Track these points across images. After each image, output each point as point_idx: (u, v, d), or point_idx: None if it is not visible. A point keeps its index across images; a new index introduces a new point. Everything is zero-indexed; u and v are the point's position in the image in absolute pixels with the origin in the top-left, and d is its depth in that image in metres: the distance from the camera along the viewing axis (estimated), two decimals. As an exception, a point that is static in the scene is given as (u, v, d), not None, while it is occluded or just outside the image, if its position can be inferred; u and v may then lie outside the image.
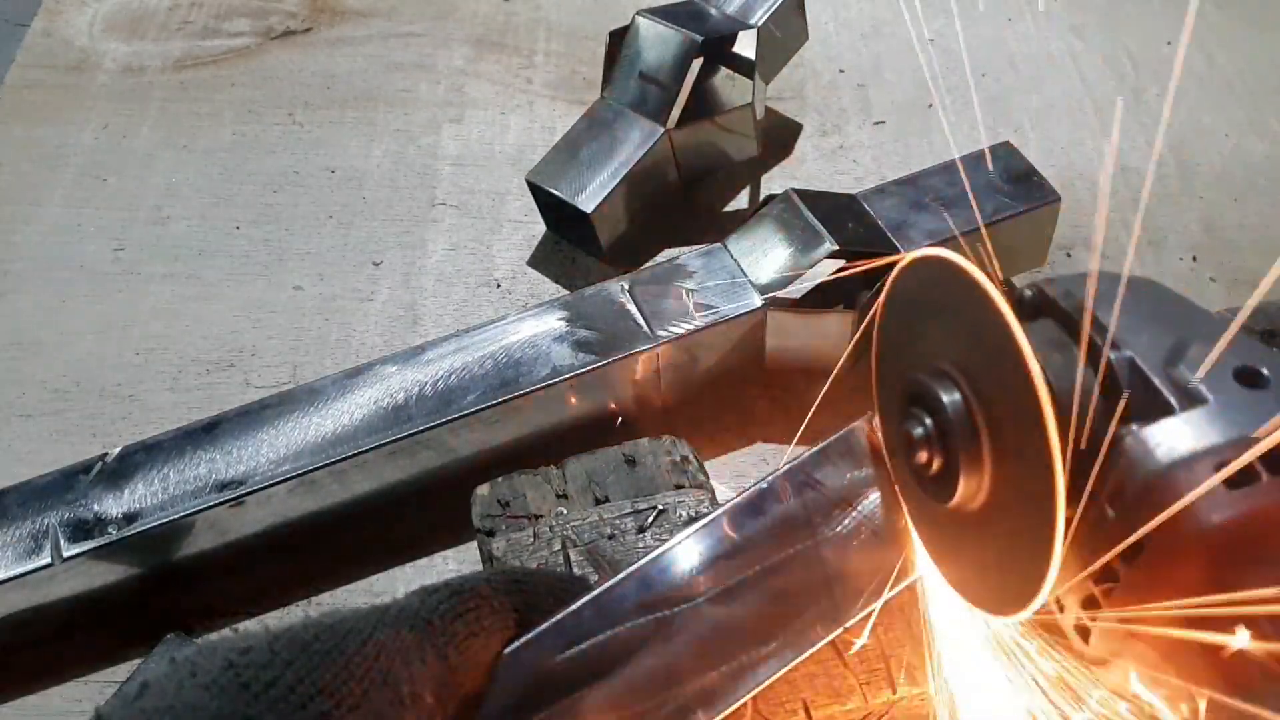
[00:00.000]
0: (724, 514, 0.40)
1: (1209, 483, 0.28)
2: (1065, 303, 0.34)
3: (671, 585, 0.38)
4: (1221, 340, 0.32)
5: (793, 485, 0.41)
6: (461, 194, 0.69)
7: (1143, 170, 0.70)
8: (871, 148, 0.72)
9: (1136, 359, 0.32)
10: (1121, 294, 0.33)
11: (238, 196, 0.69)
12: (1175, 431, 0.30)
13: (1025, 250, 0.60)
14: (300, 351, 0.61)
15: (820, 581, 0.39)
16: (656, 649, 0.37)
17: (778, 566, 0.39)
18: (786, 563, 0.39)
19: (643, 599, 0.37)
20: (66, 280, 0.64)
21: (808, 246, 0.54)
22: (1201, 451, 0.30)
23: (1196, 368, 0.32)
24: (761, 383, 0.58)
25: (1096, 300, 0.33)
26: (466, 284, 0.64)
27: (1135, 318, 0.33)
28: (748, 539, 0.39)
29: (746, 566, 0.39)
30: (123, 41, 0.79)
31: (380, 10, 0.81)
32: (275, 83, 0.76)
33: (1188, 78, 0.76)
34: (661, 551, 0.39)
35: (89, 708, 0.44)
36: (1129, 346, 0.32)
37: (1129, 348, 0.32)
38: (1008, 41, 0.79)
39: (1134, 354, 0.32)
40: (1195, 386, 0.31)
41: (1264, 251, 0.66)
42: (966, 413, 0.33)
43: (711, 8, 0.66)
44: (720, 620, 0.38)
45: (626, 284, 0.56)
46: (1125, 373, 0.32)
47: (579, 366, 0.52)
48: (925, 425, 0.35)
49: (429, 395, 0.51)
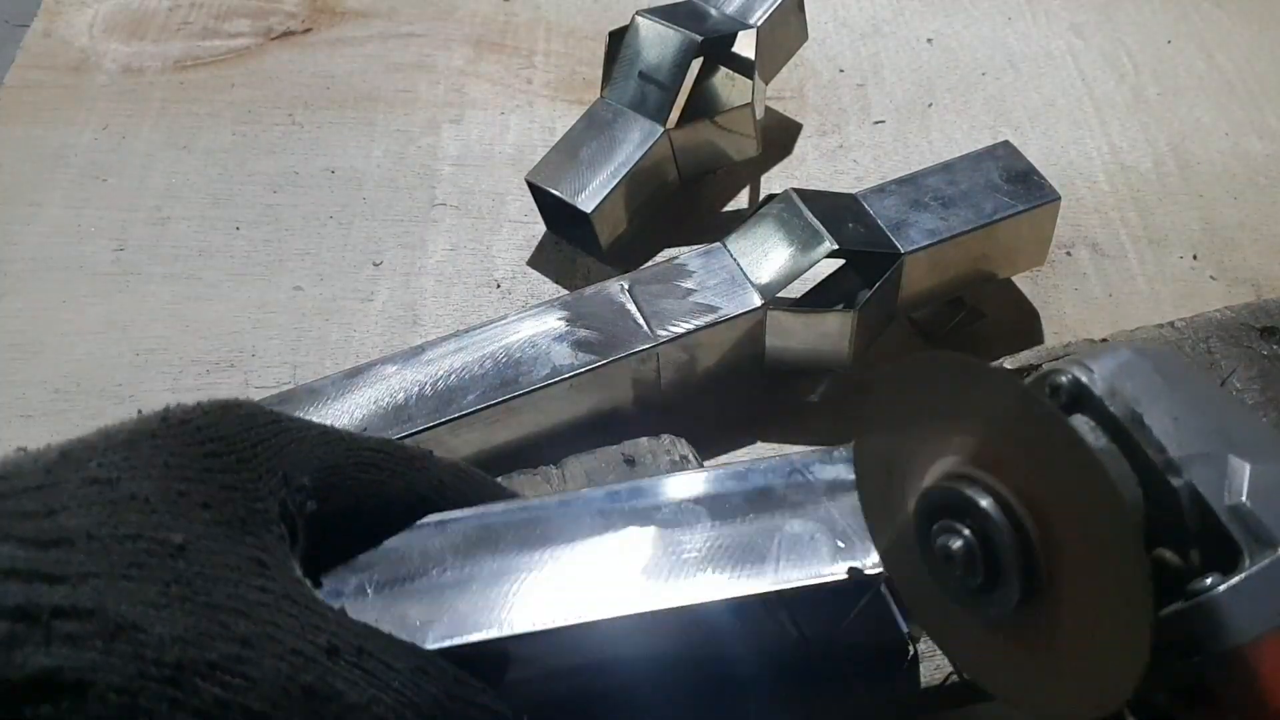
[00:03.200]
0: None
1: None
2: (1112, 405, 0.32)
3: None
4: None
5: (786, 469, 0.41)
6: (461, 194, 0.69)
7: (1143, 169, 0.70)
8: (871, 147, 0.72)
9: (1197, 485, 0.30)
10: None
11: (238, 197, 0.69)
12: (1256, 591, 0.29)
13: (1025, 249, 0.60)
14: (300, 352, 0.61)
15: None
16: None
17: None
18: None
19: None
20: (66, 280, 0.64)
21: (807, 246, 0.54)
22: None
23: (1254, 495, 0.30)
24: (761, 383, 0.58)
25: (1136, 397, 0.31)
26: (466, 284, 0.64)
27: (1185, 426, 0.31)
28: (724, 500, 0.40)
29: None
30: (123, 42, 0.79)
31: (380, 10, 0.81)
32: (275, 83, 0.76)
33: (1187, 76, 0.76)
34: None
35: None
36: (1187, 469, 0.30)
37: (1188, 470, 0.30)
38: (1007, 40, 0.79)
39: (1192, 479, 0.30)
40: (1259, 523, 0.29)
41: (1264, 250, 0.66)
42: (1011, 520, 0.30)
43: (711, 8, 0.66)
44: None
45: (626, 284, 0.56)
46: (1187, 502, 0.30)
47: (579, 366, 0.52)
48: (964, 537, 0.31)
49: (429, 395, 0.51)
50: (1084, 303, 0.63)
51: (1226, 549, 0.30)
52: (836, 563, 0.37)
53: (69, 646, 0.25)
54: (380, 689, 0.30)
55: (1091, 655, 0.30)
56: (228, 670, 0.27)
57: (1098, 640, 0.29)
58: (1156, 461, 0.30)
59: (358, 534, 0.37)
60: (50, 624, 0.24)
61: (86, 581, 0.26)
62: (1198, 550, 0.30)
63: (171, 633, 0.26)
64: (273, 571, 0.31)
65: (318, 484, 0.34)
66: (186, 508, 0.30)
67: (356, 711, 0.30)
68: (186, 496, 0.30)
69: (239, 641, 0.28)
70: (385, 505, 0.37)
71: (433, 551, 0.37)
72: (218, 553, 0.29)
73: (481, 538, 0.38)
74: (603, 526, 0.38)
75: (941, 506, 0.32)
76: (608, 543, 0.38)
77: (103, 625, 0.25)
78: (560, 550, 0.38)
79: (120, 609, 0.26)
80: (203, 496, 0.30)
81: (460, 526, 0.38)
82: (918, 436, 0.33)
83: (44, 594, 0.25)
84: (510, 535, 0.38)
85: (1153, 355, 0.33)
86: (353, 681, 0.30)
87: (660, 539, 0.38)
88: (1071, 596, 0.30)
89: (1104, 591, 0.29)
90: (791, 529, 0.38)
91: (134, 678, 0.25)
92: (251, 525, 0.31)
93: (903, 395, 0.34)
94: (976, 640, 0.34)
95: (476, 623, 0.35)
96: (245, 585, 0.29)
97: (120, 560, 0.27)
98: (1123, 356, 0.33)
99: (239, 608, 0.29)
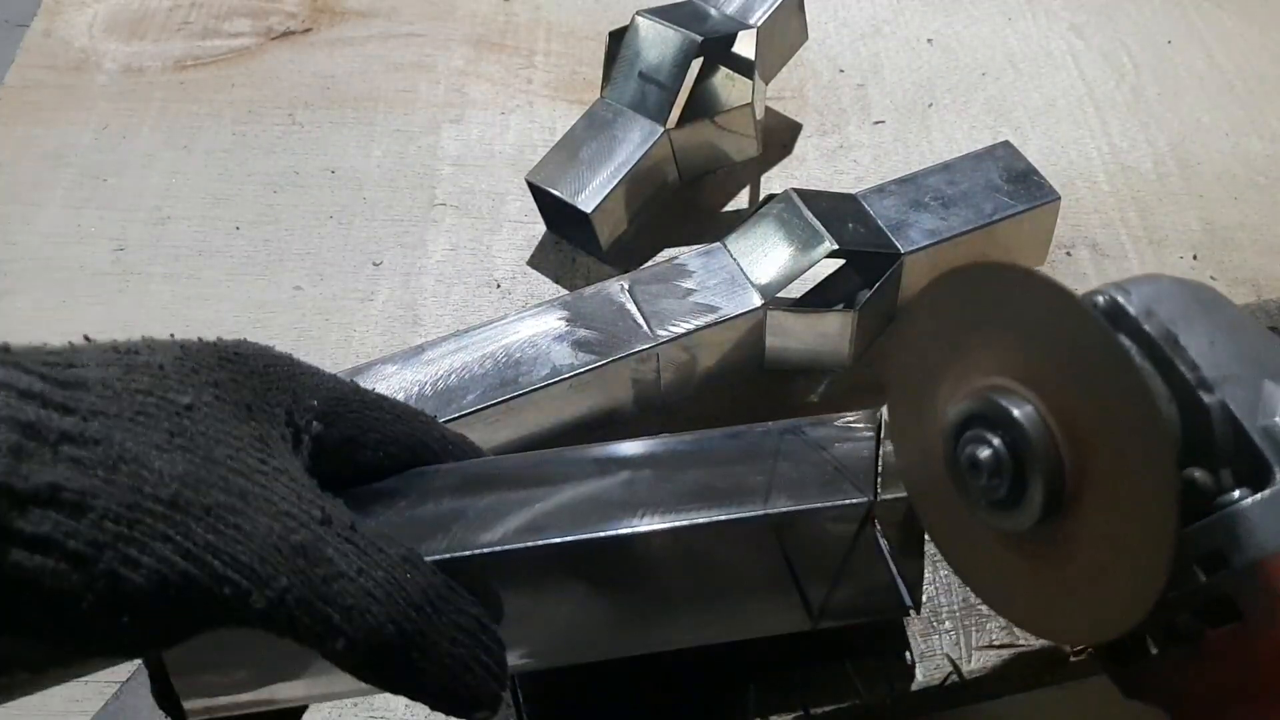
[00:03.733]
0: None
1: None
2: (1149, 324, 0.32)
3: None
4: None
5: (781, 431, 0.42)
6: (461, 194, 0.69)
7: (1142, 169, 0.70)
8: (871, 148, 0.72)
9: (1230, 405, 0.30)
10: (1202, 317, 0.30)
11: (238, 197, 0.69)
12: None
13: (1025, 250, 0.60)
14: (300, 352, 0.60)
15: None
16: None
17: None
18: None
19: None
20: (66, 280, 0.64)
21: (807, 246, 0.54)
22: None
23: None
24: (761, 383, 0.58)
25: (1172, 319, 0.31)
26: (466, 284, 0.64)
27: (1220, 349, 0.31)
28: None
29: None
30: (123, 42, 0.79)
31: (380, 10, 0.81)
32: (275, 83, 0.76)
33: (1187, 77, 0.76)
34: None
35: (90, 708, 0.44)
36: (1220, 388, 0.30)
37: (1220, 389, 0.30)
38: (1008, 40, 0.79)
39: (1225, 398, 0.30)
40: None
41: (1264, 250, 0.66)
42: (1046, 429, 0.30)
43: (711, 8, 0.66)
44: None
45: (626, 284, 0.56)
46: (1219, 420, 0.30)
47: (579, 366, 0.52)
48: (994, 446, 0.31)
49: (429, 395, 0.51)
50: (1084, 303, 0.63)
51: (1258, 468, 0.29)
52: (832, 492, 0.38)
53: (72, 468, 0.26)
54: (370, 565, 0.31)
55: (1108, 577, 0.30)
56: (221, 518, 0.28)
57: (1117, 562, 0.29)
58: (1191, 380, 0.30)
59: (359, 468, 0.37)
60: (58, 446, 0.25)
61: (96, 418, 0.27)
62: (1229, 470, 0.30)
63: (171, 471, 0.27)
64: (273, 450, 0.31)
65: (325, 409, 0.36)
66: (197, 382, 0.31)
67: (344, 580, 0.30)
68: (198, 374, 0.31)
69: (235, 494, 0.29)
70: (387, 444, 0.38)
71: (431, 489, 0.38)
72: (222, 421, 0.30)
73: (481, 478, 0.38)
74: (599, 471, 0.39)
75: (975, 416, 0.32)
76: (604, 481, 0.38)
77: (106, 455, 0.26)
78: (557, 487, 0.38)
79: (124, 444, 0.27)
80: (213, 379, 0.31)
81: (460, 471, 0.39)
82: (957, 346, 0.33)
83: (55, 419, 0.26)
84: (509, 477, 0.39)
85: (1191, 285, 0.33)
86: (343, 553, 0.30)
87: (655, 477, 0.39)
88: (1094, 515, 0.30)
89: (1130, 511, 0.29)
90: (784, 469, 0.39)
91: (131, 507, 0.26)
92: (257, 414, 0.32)
93: (944, 304, 0.34)
94: (991, 558, 0.34)
95: (467, 540, 0.35)
96: (246, 453, 0.30)
97: (129, 406, 0.28)
98: (1160, 282, 0.33)
99: (238, 468, 0.29)
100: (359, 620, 0.30)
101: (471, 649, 0.32)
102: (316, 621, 0.29)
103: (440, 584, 0.32)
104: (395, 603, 0.31)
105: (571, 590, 0.37)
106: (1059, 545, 0.31)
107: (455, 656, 0.32)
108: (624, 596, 0.38)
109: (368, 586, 0.30)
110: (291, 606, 0.29)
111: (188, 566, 0.27)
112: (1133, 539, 0.29)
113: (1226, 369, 0.30)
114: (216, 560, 0.27)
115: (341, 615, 0.29)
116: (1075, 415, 0.30)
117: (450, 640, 0.32)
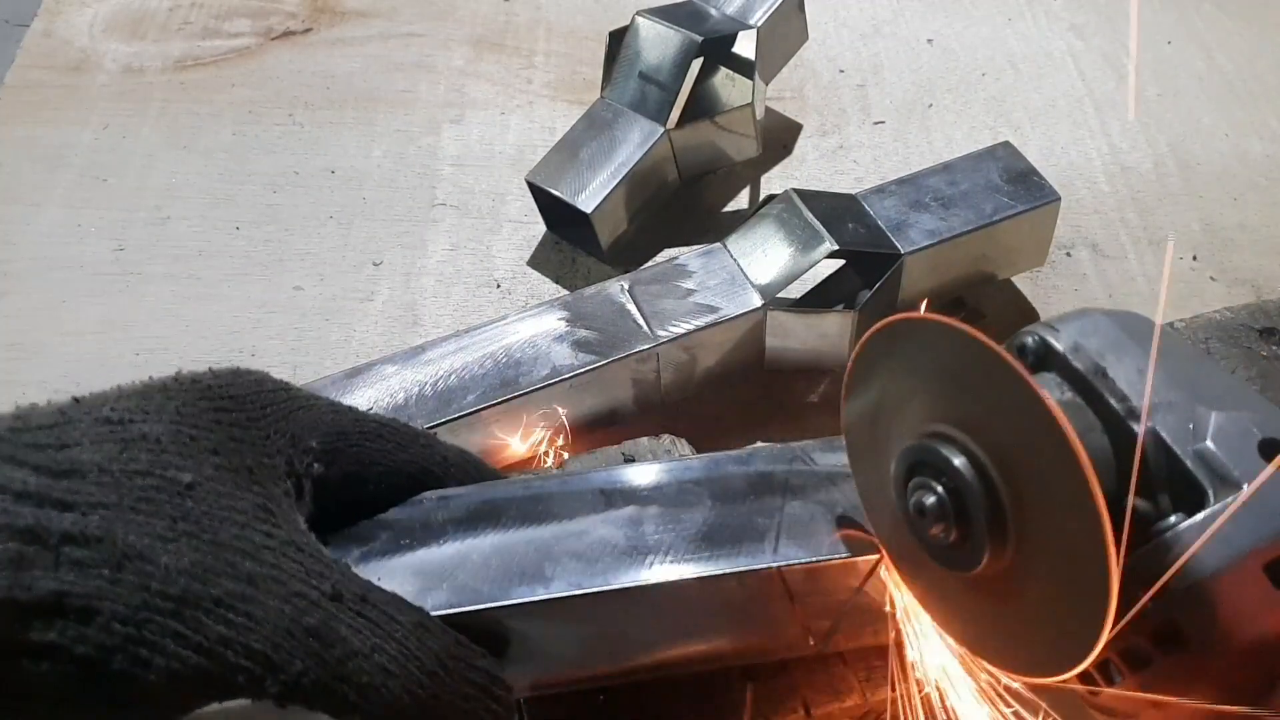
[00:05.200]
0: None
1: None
2: (1076, 360, 0.32)
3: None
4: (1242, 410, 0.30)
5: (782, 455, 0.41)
6: (461, 194, 0.69)
7: (1143, 170, 0.70)
8: (871, 148, 0.72)
9: (1162, 432, 0.30)
10: (1150, 357, 0.30)
11: (238, 196, 0.69)
12: (1217, 526, 0.29)
13: (1025, 250, 0.60)
14: (300, 352, 0.61)
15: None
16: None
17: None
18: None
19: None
20: (66, 280, 0.64)
21: (807, 246, 0.54)
22: (1248, 550, 0.28)
23: (1217, 439, 0.30)
24: (761, 383, 0.58)
25: (1100, 352, 0.31)
26: (466, 284, 0.64)
27: (1154, 377, 0.31)
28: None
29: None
30: (123, 42, 0.79)
31: (380, 10, 0.81)
32: (275, 83, 0.76)
33: (1187, 77, 0.76)
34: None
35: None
36: (1153, 416, 0.30)
37: (1153, 417, 0.30)
38: (1008, 41, 0.79)
39: (1158, 425, 0.30)
40: (1222, 464, 0.30)
41: (1264, 251, 0.66)
42: (981, 476, 0.31)
43: (711, 8, 0.66)
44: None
45: (626, 284, 0.56)
46: (1152, 448, 0.30)
47: (579, 366, 0.52)
48: (937, 494, 0.32)
49: (429, 395, 0.51)
50: (1084, 303, 0.63)
51: (1192, 492, 0.30)
52: (837, 544, 0.38)
53: (76, 572, 0.25)
54: (383, 639, 0.30)
55: (1059, 609, 0.30)
56: (232, 608, 0.27)
57: (1064, 595, 0.30)
58: (1120, 410, 0.31)
59: (362, 502, 0.37)
60: (59, 549, 0.24)
61: (96, 511, 0.26)
62: (1166, 495, 0.30)
63: (178, 565, 0.26)
64: (279, 519, 0.31)
65: (325, 448, 0.35)
66: (196, 452, 0.30)
67: (359, 658, 0.30)
68: (196, 441, 0.30)
69: (244, 580, 0.28)
70: (389, 475, 0.38)
71: (434, 524, 0.37)
72: (225, 495, 0.29)
73: (483, 512, 0.38)
74: (604, 504, 0.38)
75: (918, 463, 0.32)
76: (609, 519, 0.38)
77: (110, 553, 0.25)
78: (561, 525, 0.37)
79: (128, 539, 0.26)
80: (212, 444, 0.30)
81: (462, 501, 0.38)
82: (898, 395, 0.34)
83: (54, 519, 0.25)
84: (512, 510, 0.38)
85: (1120, 317, 0.34)
86: (356, 629, 0.30)
87: (661, 516, 0.38)
88: (1039, 551, 0.30)
89: (1069, 544, 0.29)
90: (792, 510, 0.38)
91: (139, 608, 0.25)
92: (259, 475, 0.31)
93: (884, 355, 0.34)
94: (953, 596, 0.35)
95: (476, 593, 0.35)
96: (251, 529, 0.29)
97: (129, 494, 0.27)
98: (1090, 317, 0.33)
99: (244, 548, 0.29)
100: (375, 696, 0.30)
101: (483, 700, 0.33)
102: (333, 700, 0.29)
103: (451, 643, 0.32)
104: (410, 674, 0.31)
105: (577, 633, 0.37)
106: (1011, 583, 0.31)
107: (468, 712, 0.32)
108: (630, 635, 0.38)
109: (382, 662, 0.30)
110: (307, 689, 0.28)
111: (200, 660, 0.26)
112: (1074, 571, 0.29)
113: (1159, 395, 0.31)
114: (229, 651, 0.27)
115: (357, 693, 0.29)
116: (1006, 456, 0.30)
117: (463, 698, 0.32)
